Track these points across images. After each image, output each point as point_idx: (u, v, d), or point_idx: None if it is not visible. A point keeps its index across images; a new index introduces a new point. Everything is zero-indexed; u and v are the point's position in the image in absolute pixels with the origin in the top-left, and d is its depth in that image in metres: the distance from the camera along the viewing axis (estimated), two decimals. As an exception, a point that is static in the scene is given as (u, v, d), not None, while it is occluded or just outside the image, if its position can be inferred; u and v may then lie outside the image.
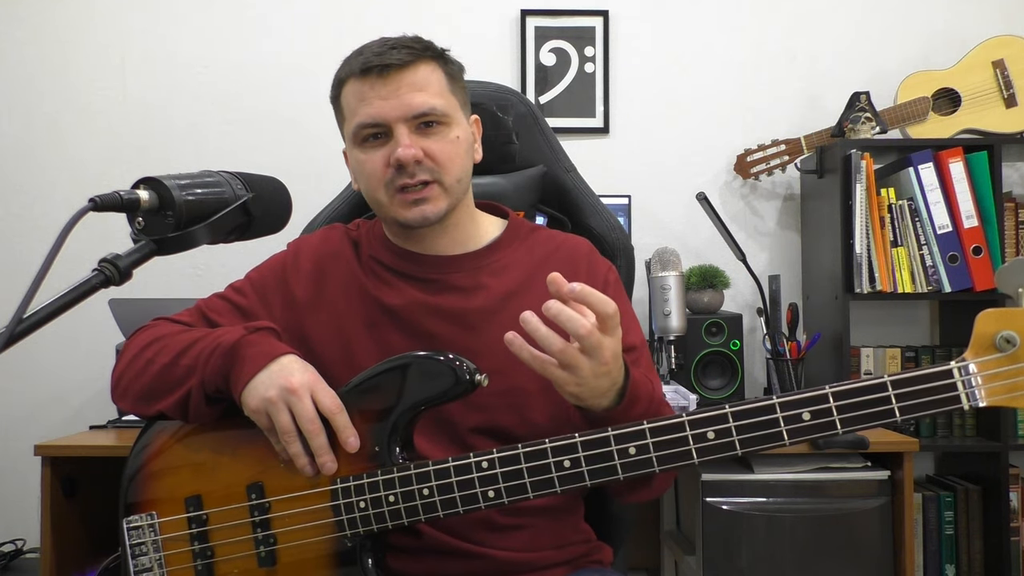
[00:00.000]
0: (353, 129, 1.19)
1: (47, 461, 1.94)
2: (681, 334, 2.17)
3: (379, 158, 1.18)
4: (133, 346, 1.22)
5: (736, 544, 2.00)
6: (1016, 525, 2.40)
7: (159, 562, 1.12)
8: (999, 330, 0.93)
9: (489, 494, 1.03)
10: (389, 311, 1.22)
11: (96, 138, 2.72)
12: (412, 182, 1.17)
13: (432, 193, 1.19)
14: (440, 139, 1.19)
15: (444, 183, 1.19)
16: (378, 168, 1.18)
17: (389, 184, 1.18)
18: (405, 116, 1.17)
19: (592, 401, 1.04)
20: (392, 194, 1.19)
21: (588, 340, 0.97)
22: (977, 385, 0.93)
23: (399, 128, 1.17)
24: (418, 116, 1.17)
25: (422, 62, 1.18)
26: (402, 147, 1.16)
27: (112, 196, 0.88)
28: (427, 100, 1.17)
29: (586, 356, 0.98)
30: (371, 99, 1.17)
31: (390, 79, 1.16)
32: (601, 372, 1.00)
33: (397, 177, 1.17)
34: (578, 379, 1.00)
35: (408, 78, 1.17)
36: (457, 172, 1.21)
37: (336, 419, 1.06)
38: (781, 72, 2.75)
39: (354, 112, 1.19)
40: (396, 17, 2.72)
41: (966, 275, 2.38)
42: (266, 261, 1.33)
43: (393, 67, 1.16)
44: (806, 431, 0.97)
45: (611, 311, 0.98)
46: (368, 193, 1.22)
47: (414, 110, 1.17)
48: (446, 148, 1.19)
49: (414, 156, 1.16)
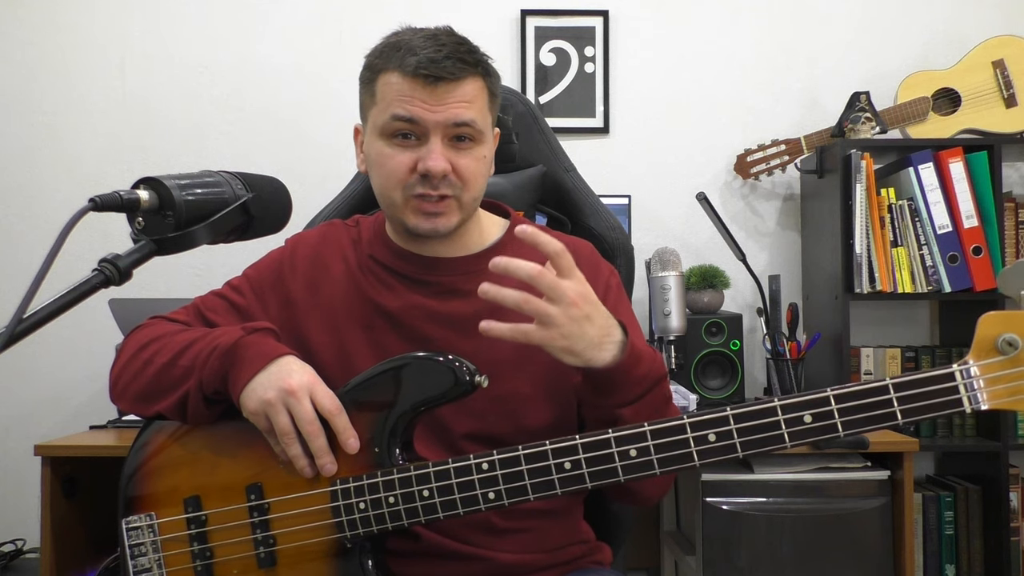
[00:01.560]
0: (385, 119, 1.16)
1: (47, 461, 1.94)
2: (681, 334, 2.17)
3: (405, 160, 1.15)
4: (131, 345, 1.21)
5: (736, 544, 2.00)
6: (1016, 525, 2.40)
7: (158, 562, 1.12)
8: (1001, 333, 0.93)
9: (489, 496, 1.03)
10: (386, 314, 1.22)
11: (96, 138, 2.72)
12: (434, 194, 1.16)
13: (448, 208, 1.17)
14: (470, 156, 1.17)
15: (462, 200, 1.18)
16: (401, 169, 1.16)
17: (408, 188, 1.16)
18: (445, 124, 1.14)
19: (590, 354, 1.03)
20: (408, 199, 1.17)
21: (541, 281, 0.98)
22: (979, 388, 0.93)
23: (435, 136, 1.14)
24: (458, 126, 1.15)
25: (472, 77, 1.16)
26: (433, 158, 1.13)
27: (112, 196, 0.88)
28: (470, 114, 1.15)
29: (552, 303, 0.99)
30: (415, 100, 1.14)
31: (439, 89, 1.13)
32: (577, 315, 1.00)
33: (419, 185, 1.15)
34: (559, 331, 1.00)
35: (456, 91, 1.14)
36: (476, 191, 1.20)
37: (335, 420, 1.06)
38: (781, 72, 2.75)
39: (390, 103, 1.15)
40: (396, 17, 2.69)
41: (966, 275, 2.38)
42: (263, 258, 1.31)
43: (445, 79, 1.13)
44: (807, 433, 0.97)
45: (558, 248, 0.99)
46: (382, 190, 1.20)
47: (456, 119, 1.14)
48: (473, 166, 1.17)
49: (444, 170, 1.14)
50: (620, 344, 1.05)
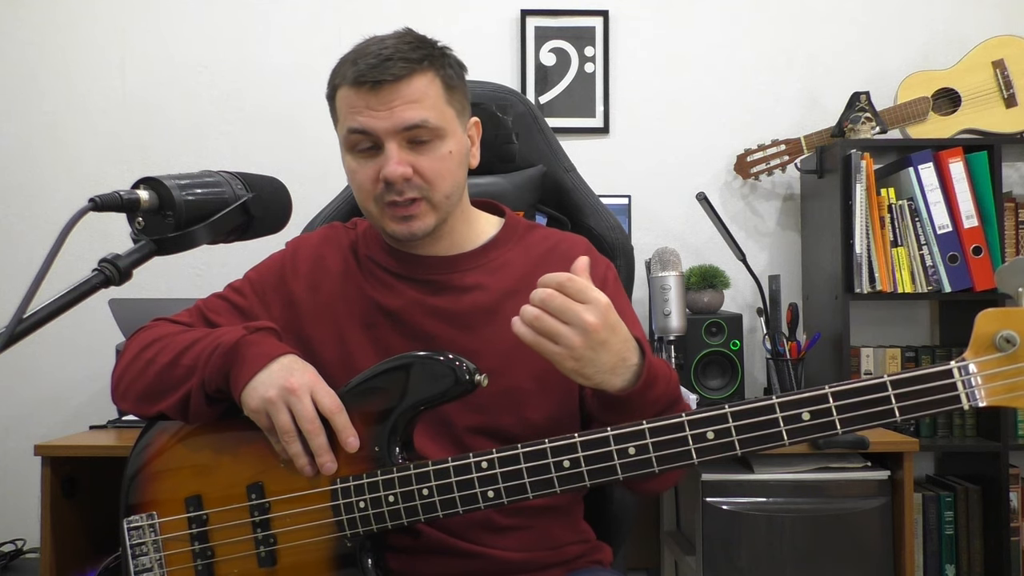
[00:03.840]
0: (344, 134, 1.18)
1: (47, 461, 1.94)
2: (681, 334, 2.17)
3: (369, 171, 1.16)
4: (133, 346, 1.22)
5: (736, 544, 2.00)
6: (1016, 525, 2.40)
7: (159, 562, 1.12)
8: (999, 330, 0.93)
9: (489, 494, 1.03)
10: (387, 312, 1.22)
11: (96, 138, 2.72)
12: (400, 199, 1.16)
13: (420, 210, 1.17)
14: (431, 155, 1.16)
15: (433, 200, 1.18)
16: (367, 181, 1.17)
17: (379, 198, 1.17)
18: (396, 130, 1.14)
19: (600, 378, 1.02)
20: (382, 207, 1.18)
21: (551, 303, 0.98)
22: (977, 385, 0.93)
23: (389, 143, 1.14)
24: (409, 129, 1.14)
25: (418, 74, 1.14)
26: (390, 165, 1.14)
27: (112, 196, 0.88)
28: (420, 114, 1.14)
29: (565, 324, 0.98)
30: (362, 109, 1.14)
31: (383, 93, 1.13)
32: (592, 341, 0.99)
33: (386, 193, 1.16)
34: (571, 352, 0.99)
35: (402, 91, 1.13)
36: (447, 188, 1.19)
37: (336, 419, 1.06)
38: (781, 72, 2.75)
39: (345, 118, 1.17)
40: (396, 17, 2.69)
41: (966, 275, 2.38)
42: (265, 260, 1.32)
43: (386, 82, 1.13)
44: (806, 431, 0.97)
45: (562, 279, 0.99)
46: (359, 202, 1.22)
47: (405, 123, 1.14)
48: (436, 165, 1.17)
49: (402, 175, 1.14)
50: (635, 368, 1.04)
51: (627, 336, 1.03)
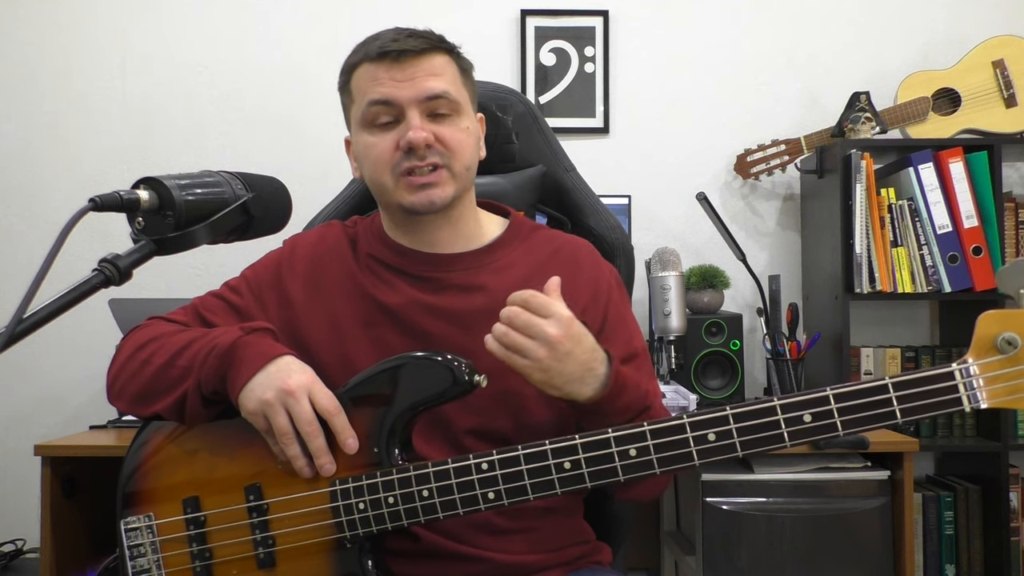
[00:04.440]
0: (363, 109, 1.19)
1: (47, 461, 1.94)
2: (681, 334, 2.17)
3: (388, 141, 1.18)
4: (128, 346, 1.21)
5: (736, 544, 2.00)
6: (1016, 525, 2.40)
7: (157, 563, 1.12)
8: (1000, 332, 0.93)
9: (489, 495, 1.03)
10: (386, 310, 1.22)
11: (96, 138, 2.72)
12: (422, 164, 1.17)
13: (441, 178, 1.18)
14: (451, 126, 1.19)
15: (453, 169, 1.19)
16: (386, 151, 1.18)
17: (396, 167, 1.18)
18: (419, 98, 1.17)
19: (568, 388, 1.06)
20: (398, 178, 1.18)
21: (517, 320, 1.04)
22: (979, 387, 0.93)
23: (411, 111, 1.16)
24: (432, 98, 1.17)
25: (437, 52, 1.19)
26: (413, 129, 1.16)
27: (112, 196, 0.88)
28: (441, 85, 1.18)
29: (529, 338, 1.03)
30: (385, 80, 1.17)
31: (406, 64, 1.17)
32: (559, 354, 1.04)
33: (405, 160, 1.17)
34: (537, 364, 1.04)
35: (424, 64, 1.17)
36: (466, 160, 1.21)
37: (334, 420, 1.05)
38: (781, 72, 2.75)
39: (365, 93, 1.18)
40: (396, 17, 2.69)
41: (966, 275, 2.38)
42: (262, 259, 1.31)
43: (409, 53, 1.16)
44: (807, 433, 0.97)
45: (526, 296, 1.05)
46: (373, 178, 1.21)
47: (428, 92, 1.17)
48: (457, 135, 1.19)
49: (425, 139, 1.16)
50: (603, 378, 1.08)
51: (593, 346, 1.08)
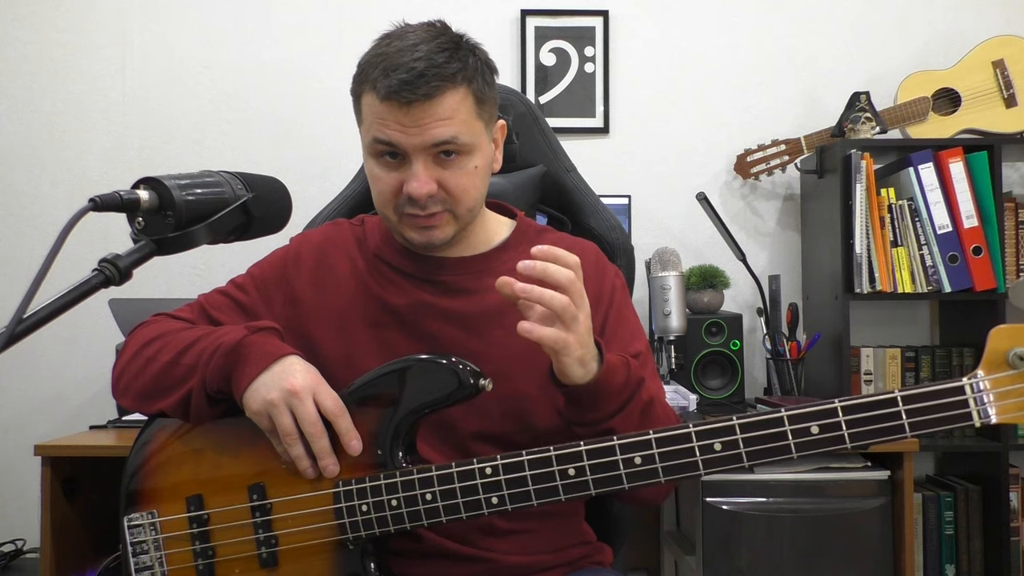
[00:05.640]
0: (369, 140, 1.16)
1: (47, 461, 1.94)
2: (681, 334, 2.17)
3: (392, 180, 1.14)
4: (134, 342, 1.21)
5: (736, 544, 2.00)
6: (1016, 525, 2.40)
7: (160, 561, 1.12)
8: (1012, 347, 0.93)
9: (493, 500, 1.03)
10: (393, 311, 1.22)
11: (96, 138, 2.72)
12: (422, 213, 1.15)
13: (441, 221, 1.17)
14: (457, 170, 1.14)
15: (456, 213, 1.17)
16: (388, 190, 1.15)
17: (399, 207, 1.16)
18: (424, 146, 1.12)
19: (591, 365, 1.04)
20: (400, 216, 1.17)
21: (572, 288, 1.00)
22: (989, 402, 0.93)
23: (416, 159, 1.12)
24: (438, 145, 1.12)
25: (450, 91, 1.11)
26: (416, 183, 1.12)
27: (112, 196, 0.88)
28: (450, 131, 1.12)
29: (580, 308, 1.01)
30: (391, 123, 1.11)
31: (413, 111, 1.10)
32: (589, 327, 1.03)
33: (407, 205, 1.15)
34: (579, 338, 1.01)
35: (434, 109, 1.10)
36: (470, 203, 1.17)
37: (338, 422, 1.05)
38: (781, 72, 2.75)
39: (370, 126, 1.14)
40: (396, 17, 2.70)
41: (966, 275, 2.38)
42: (268, 256, 1.31)
43: (419, 99, 1.09)
44: (814, 444, 0.96)
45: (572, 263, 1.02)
46: (377, 206, 1.20)
47: (435, 140, 1.11)
48: (462, 180, 1.15)
49: (428, 193, 1.13)
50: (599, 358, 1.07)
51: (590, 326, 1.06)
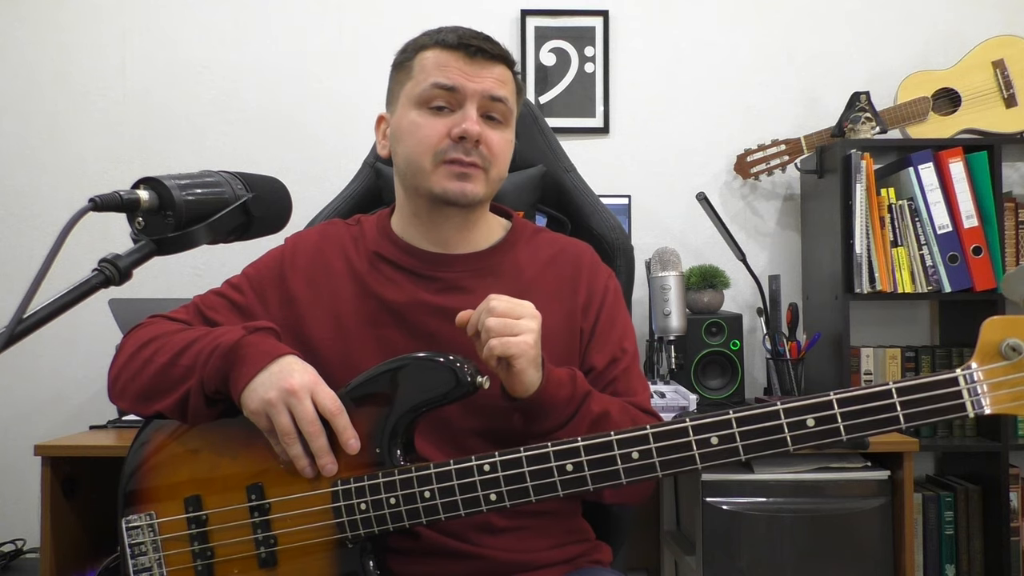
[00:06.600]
0: (423, 88, 1.21)
1: (47, 461, 1.94)
2: (681, 334, 2.17)
3: (439, 126, 1.20)
4: (130, 344, 1.21)
5: (736, 544, 2.00)
6: (1016, 525, 2.40)
7: (159, 562, 1.12)
8: (1005, 338, 0.93)
9: (491, 497, 1.03)
10: (390, 308, 1.22)
11: (96, 138, 2.72)
12: (466, 159, 1.20)
13: (477, 175, 1.21)
14: (499, 134, 1.23)
15: (490, 174, 1.23)
16: (434, 135, 1.20)
17: (440, 154, 1.20)
18: (482, 95, 1.20)
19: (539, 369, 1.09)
20: (438, 164, 1.20)
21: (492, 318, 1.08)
22: (982, 393, 0.93)
23: (471, 104, 1.20)
24: (493, 99, 1.21)
25: (504, 64, 1.24)
26: (470, 120, 1.19)
27: (112, 196, 0.88)
28: (504, 91, 1.23)
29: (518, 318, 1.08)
30: (454, 70, 1.20)
31: (477, 62, 1.21)
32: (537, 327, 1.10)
33: (452, 149, 1.19)
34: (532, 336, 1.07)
35: (494, 68, 1.22)
36: (502, 169, 1.25)
37: (336, 421, 1.06)
38: (781, 72, 2.75)
39: (429, 74, 1.21)
40: (396, 18, 2.72)
41: (966, 275, 2.38)
42: (263, 257, 1.31)
43: (485, 53, 1.21)
44: (810, 437, 0.98)
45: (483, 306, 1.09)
46: (410, 157, 1.23)
47: (493, 92, 1.21)
48: (501, 143, 1.23)
49: (480, 133, 1.19)
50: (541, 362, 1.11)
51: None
